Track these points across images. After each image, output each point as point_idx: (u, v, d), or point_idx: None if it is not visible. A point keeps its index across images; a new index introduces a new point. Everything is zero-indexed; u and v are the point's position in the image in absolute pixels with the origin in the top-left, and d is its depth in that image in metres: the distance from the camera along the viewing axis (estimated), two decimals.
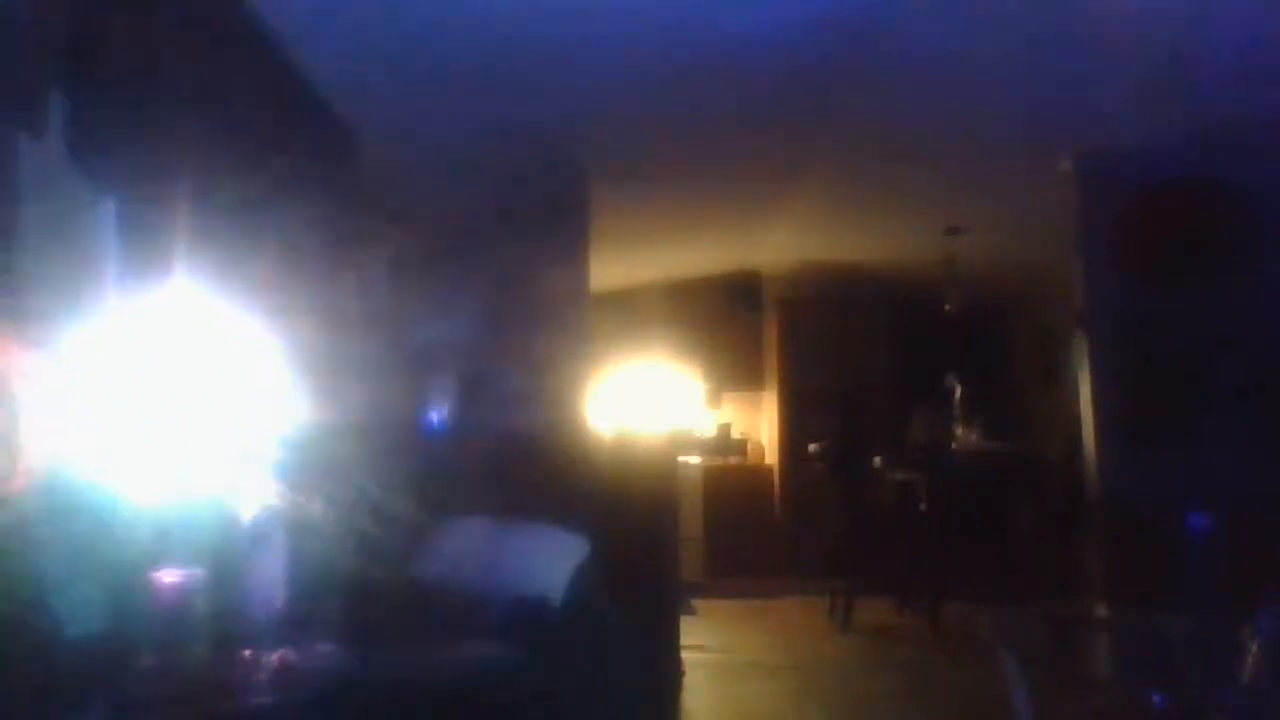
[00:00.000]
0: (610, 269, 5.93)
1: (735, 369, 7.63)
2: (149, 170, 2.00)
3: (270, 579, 2.02)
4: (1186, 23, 3.32)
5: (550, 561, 2.67)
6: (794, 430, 7.15)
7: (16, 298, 1.57)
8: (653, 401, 7.30)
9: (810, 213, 5.80)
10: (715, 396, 7.63)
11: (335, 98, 3.27)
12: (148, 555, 1.71)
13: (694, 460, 7.12)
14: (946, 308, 6.30)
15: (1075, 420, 4.90)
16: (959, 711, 3.66)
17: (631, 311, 7.34)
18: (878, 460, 6.08)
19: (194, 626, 1.72)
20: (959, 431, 6.42)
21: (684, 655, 3.82)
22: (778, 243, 6.56)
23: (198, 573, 1.75)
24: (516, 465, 3.17)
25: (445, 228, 4.70)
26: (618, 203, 5.02)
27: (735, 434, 7.59)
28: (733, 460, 7.45)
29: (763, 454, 7.58)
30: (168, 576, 1.71)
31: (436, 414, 4.26)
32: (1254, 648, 2.05)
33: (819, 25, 3.25)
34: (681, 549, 4.29)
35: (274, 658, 1.80)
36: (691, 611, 5.46)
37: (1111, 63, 3.62)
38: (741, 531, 6.99)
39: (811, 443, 6.05)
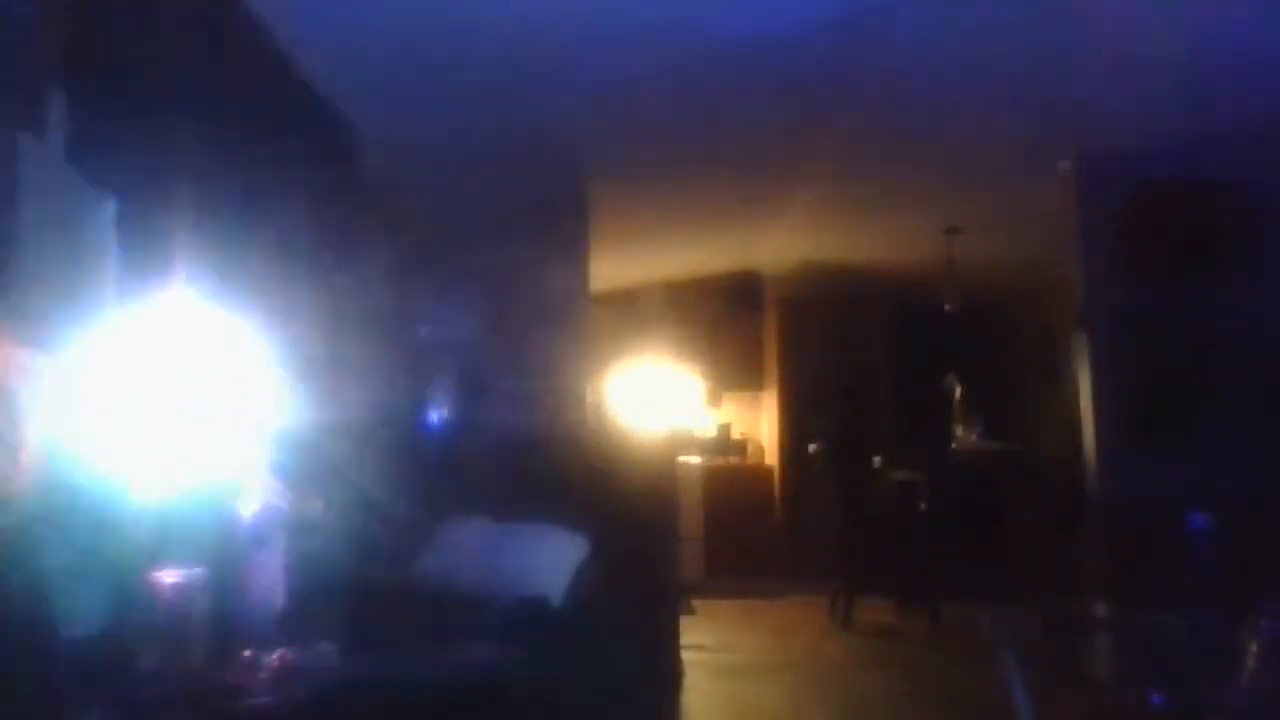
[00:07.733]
0: (610, 269, 5.93)
1: (735, 369, 7.62)
2: (149, 170, 2.00)
3: (271, 579, 2.02)
4: (1187, 22, 3.32)
5: (550, 561, 2.67)
6: (794, 430, 7.15)
7: (16, 298, 1.57)
8: (653, 401, 7.30)
9: (810, 213, 5.79)
10: (715, 396, 7.62)
11: (335, 98, 3.27)
12: (148, 555, 1.71)
13: (694, 460, 7.12)
14: (946, 308, 6.30)
15: (1075, 420, 4.90)
16: (959, 711, 3.65)
17: (631, 311, 7.34)
18: (878, 460, 6.08)
19: (194, 627, 1.72)
20: (959, 431, 6.42)
21: (684, 655, 3.82)
22: (778, 243, 6.55)
23: (198, 573, 1.75)
24: (516, 465, 3.17)
25: (445, 228, 4.70)
26: (618, 203, 5.02)
27: (735, 434, 7.59)
28: (733, 460, 7.45)
29: (763, 454, 7.58)
30: (168, 577, 1.71)
31: (437, 414, 4.27)
32: (1254, 648, 2.05)
33: (819, 25, 3.25)
34: (681, 549, 4.30)
35: (274, 658, 1.80)
36: (691, 611, 5.46)
37: (1111, 62, 3.62)
38: (741, 531, 6.99)
39: (811, 443, 6.05)
